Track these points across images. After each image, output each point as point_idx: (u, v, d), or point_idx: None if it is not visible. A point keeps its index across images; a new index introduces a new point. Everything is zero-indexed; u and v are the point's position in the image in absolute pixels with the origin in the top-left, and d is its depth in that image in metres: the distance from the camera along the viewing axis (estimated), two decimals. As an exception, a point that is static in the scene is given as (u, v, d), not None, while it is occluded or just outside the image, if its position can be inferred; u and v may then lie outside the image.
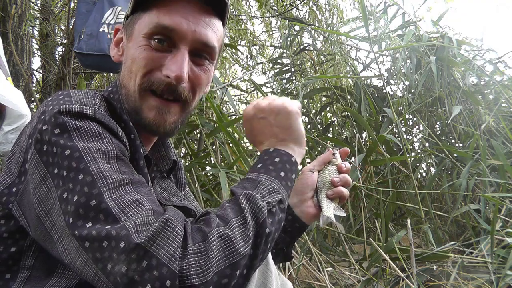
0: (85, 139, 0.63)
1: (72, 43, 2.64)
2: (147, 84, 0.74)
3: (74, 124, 0.63)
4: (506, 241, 1.79)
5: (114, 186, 0.59)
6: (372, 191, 2.20)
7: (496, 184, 2.22)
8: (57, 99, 0.67)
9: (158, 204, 0.62)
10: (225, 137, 2.26)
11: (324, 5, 3.38)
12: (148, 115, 0.75)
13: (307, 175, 0.91)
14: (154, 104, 0.74)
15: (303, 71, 3.40)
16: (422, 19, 2.90)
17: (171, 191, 0.92)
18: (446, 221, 2.33)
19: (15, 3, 2.64)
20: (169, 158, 0.93)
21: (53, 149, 0.62)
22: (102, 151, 0.63)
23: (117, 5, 2.18)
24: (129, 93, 0.76)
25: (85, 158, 0.61)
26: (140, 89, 0.74)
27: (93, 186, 0.58)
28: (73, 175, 0.60)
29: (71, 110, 0.64)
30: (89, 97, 0.70)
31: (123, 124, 0.73)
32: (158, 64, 0.74)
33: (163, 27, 0.72)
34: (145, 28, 0.74)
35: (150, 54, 0.73)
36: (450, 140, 2.81)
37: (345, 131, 3.18)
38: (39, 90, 3.45)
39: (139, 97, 0.75)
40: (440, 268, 1.78)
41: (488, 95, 2.75)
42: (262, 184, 0.69)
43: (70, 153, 0.61)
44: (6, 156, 0.97)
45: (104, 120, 0.67)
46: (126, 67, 0.77)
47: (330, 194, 0.87)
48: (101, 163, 0.61)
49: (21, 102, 1.55)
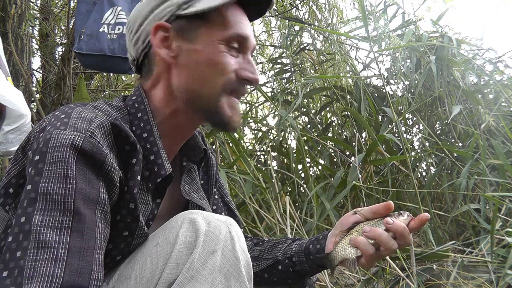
0: (51, 180, 0.62)
1: (72, 43, 2.64)
2: (228, 85, 0.79)
3: (52, 159, 0.63)
4: (506, 240, 1.79)
5: (42, 246, 0.58)
6: (372, 190, 2.20)
7: (496, 184, 2.22)
8: (57, 120, 0.68)
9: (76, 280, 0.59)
10: (225, 136, 2.27)
11: (324, 5, 3.38)
12: (228, 113, 0.80)
13: (348, 214, 0.88)
14: (232, 103, 0.81)
15: (303, 70, 3.40)
16: (421, 18, 2.90)
17: (194, 186, 0.92)
18: (446, 221, 2.33)
19: (15, 3, 2.64)
20: (199, 147, 0.93)
21: (29, 171, 0.65)
22: (58, 201, 0.61)
23: (117, 5, 2.18)
24: (202, 96, 0.79)
25: (36, 203, 0.61)
26: (222, 90, 0.79)
27: (26, 237, 0.59)
28: (19, 212, 0.62)
29: (58, 143, 0.64)
30: (85, 121, 0.68)
31: (128, 147, 0.73)
32: (235, 67, 0.80)
33: (241, 36, 0.80)
34: (221, 34, 0.79)
35: (229, 59, 0.79)
36: (450, 139, 2.81)
37: (345, 130, 3.18)
38: (39, 90, 3.45)
39: (219, 98, 0.79)
40: (440, 267, 1.78)
41: (488, 95, 2.75)
42: None
43: (29, 189, 0.63)
44: (7, 156, 0.97)
45: (90, 149, 0.65)
46: (197, 71, 0.79)
47: (350, 239, 0.81)
48: (49, 211, 0.60)
49: (21, 102, 1.55)
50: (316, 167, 2.93)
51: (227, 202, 1.05)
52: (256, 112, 3.78)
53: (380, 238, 0.78)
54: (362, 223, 0.83)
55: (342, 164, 2.68)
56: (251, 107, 3.74)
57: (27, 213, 0.61)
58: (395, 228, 0.78)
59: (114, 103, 0.79)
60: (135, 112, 0.79)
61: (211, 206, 0.99)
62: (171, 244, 0.69)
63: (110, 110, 0.76)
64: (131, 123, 0.78)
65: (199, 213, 0.72)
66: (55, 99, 3.03)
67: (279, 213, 2.08)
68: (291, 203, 2.08)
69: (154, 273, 0.69)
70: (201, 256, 0.67)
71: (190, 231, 0.69)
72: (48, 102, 3.19)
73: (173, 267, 0.67)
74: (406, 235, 0.78)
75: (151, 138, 0.77)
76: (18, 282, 0.56)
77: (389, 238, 0.78)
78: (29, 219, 0.60)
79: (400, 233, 0.78)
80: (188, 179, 0.91)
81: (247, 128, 3.50)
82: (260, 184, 2.19)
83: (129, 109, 0.80)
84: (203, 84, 0.79)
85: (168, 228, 0.72)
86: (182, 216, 0.72)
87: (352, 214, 0.86)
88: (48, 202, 0.61)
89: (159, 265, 0.69)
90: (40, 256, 0.58)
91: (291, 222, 2.00)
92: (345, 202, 2.37)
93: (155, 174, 0.76)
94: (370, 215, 0.84)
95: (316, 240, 0.91)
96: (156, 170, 0.76)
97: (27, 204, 0.62)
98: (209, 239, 0.68)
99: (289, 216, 1.98)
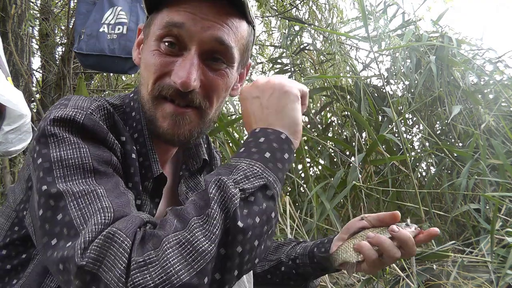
0: (61, 148, 0.61)
1: (72, 43, 2.64)
2: (157, 91, 0.70)
3: (55, 132, 0.62)
4: (506, 240, 1.79)
5: (79, 196, 0.56)
6: (372, 190, 2.20)
7: (496, 184, 2.22)
8: (58, 104, 0.68)
9: (124, 210, 0.57)
10: (225, 136, 2.27)
11: (324, 5, 3.38)
12: (163, 124, 0.71)
13: (355, 219, 0.87)
14: (168, 112, 0.70)
15: (303, 70, 3.39)
16: (421, 18, 2.90)
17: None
18: (446, 221, 2.33)
19: (15, 3, 2.64)
20: (199, 157, 0.88)
21: (34, 155, 0.63)
22: (75, 165, 0.60)
23: (117, 5, 2.18)
24: (144, 101, 0.73)
25: (54, 172, 0.59)
26: (152, 97, 0.71)
27: (60, 198, 0.56)
28: (39, 186, 0.59)
29: (58, 117, 0.63)
30: (85, 101, 0.68)
31: (124, 138, 0.71)
32: (167, 69, 0.69)
33: (172, 24, 0.68)
34: (156, 30, 0.70)
35: (159, 59, 0.69)
36: (450, 139, 2.81)
37: (345, 130, 3.18)
38: (39, 90, 3.45)
39: (153, 105, 0.71)
40: (440, 267, 1.78)
41: (488, 95, 2.75)
42: (238, 169, 0.59)
43: (40, 163, 0.60)
44: (7, 156, 0.97)
45: (91, 125, 0.65)
46: (141, 73, 0.74)
47: (354, 243, 0.81)
48: (70, 176, 0.58)
49: (21, 102, 1.55)
50: (316, 167, 2.93)
51: None
52: (256, 112, 3.77)
53: (384, 245, 0.77)
54: (368, 229, 0.83)
55: (342, 164, 2.68)
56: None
57: (47, 183, 0.58)
58: (399, 236, 0.77)
59: (112, 100, 0.78)
60: (129, 111, 0.78)
61: None
62: None
63: (107, 106, 0.75)
64: (125, 122, 0.77)
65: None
66: (55, 99, 3.03)
67: (279, 213, 2.08)
68: (291, 203, 2.08)
69: None
70: None
71: None
72: (48, 102, 3.19)
73: None
74: (411, 245, 0.77)
75: (141, 139, 0.75)
76: (73, 234, 0.53)
77: (393, 246, 0.77)
78: (53, 185, 0.57)
79: (404, 242, 0.77)
80: (192, 184, 0.88)
81: (247, 128, 3.50)
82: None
83: (124, 108, 0.78)
84: (142, 88, 0.74)
85: None
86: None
87: (359, 219, 0.86)
88: (66, 168, 0.59)
89: None
90: (82, 203, 0.55)
91: (291, 222, 2.00)
92: (345, 202, 2.37)
93: (144, 176, 0.74)
94: (377, 223, 0.83)
95: (321, 244, 0.91)
96: (144, 173, 0.74)
97: (44, 175, 0.59)
98: None
99: (289, 216, 1.98)
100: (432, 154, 2.55)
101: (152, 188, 0.77)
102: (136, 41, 0.80)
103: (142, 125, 0.75)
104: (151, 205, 0.78)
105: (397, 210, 0.91)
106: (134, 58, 0.81)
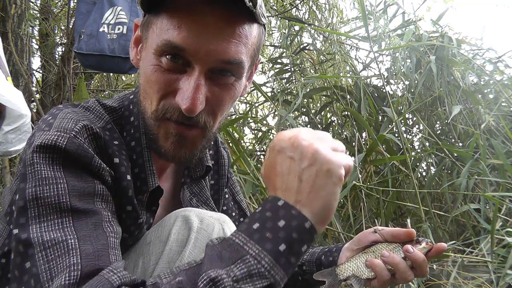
0: (38, 183, 0.58)
1: (72, 43, 2.64)
2: (161, 112, 0.66)
3: (35, 161, 0.59)
4: (506, 240, 1.79)
5: (48, 246, 0.54)
6: (372, 190, 2.20)
7: (496, 184, 2.22)
8: (43, 123, 0.65)
9: (96, 263, 0.53)
10: (225, 136, 2.27)
11: (324, 5, 3.38)
12: (165, 144, 0.68)
13: (368, 231, 0.84)
14: (171, 132, 0.67)
15: (303, 70, 3.40)
16: (421, 18, 2.90)
17: (202, 197, 0.86)
18: (446, 221, 2.33)
19: (15, 3, 2.64)
20: (202, 164, 0.85)
21: (16, 182, 0.62)
22: (51, 204, 0.57)
23: (117, 5, 2.18)
24: (146, 115, 0.69)
25: (28, 211, 0.57)
26: (155, 117, 0.67)
27: (29, 246, 0.54)
28: (12, 227, 0.58)
29: (39, 144, 0.60)
30: (71, 121, 0.64)
31: (117, 160, 0.68)
32: (171, 88, 0.64)
33: (173, 47, 0.61)
34: (155, 40, 0.63)
35: (162, 76, 0.64)
36: (450, 139, 2.81)
37: (345, 130, 3.18)
38: (39, 90, 3.45)
39: (155, 124, 0.68)
40: (440, 267, 1.78)
41: (488, 95, 2.75)
42: (244, 261, 0.50)
43: (17, 200, 0.59)
44: (6, 156, 0.97)
45: (75, 150, 0.61)
46: (142, 83, 0.69)
47: (367, 259, 0.78)
48: (44, 216, 0.56)
49: (21, 102, 1.55)
50: (316, 167, 2.93)
51: (238, 201, 1.01)
52: (256, 112, 3.78)
53: (398, 266, 0.75)
54: (380, 244, 0.81)
55: (342, 164, 2.67)
56: (251, 107, 3.74)
57: (20, 225, 0.56)
58: (414, 258, 0.76)
59: (110, 103, 0.74)
60: (128, 116, 0.74)
61: (222, 206, 0.96)
62: (163, 242, 0.68)
63: (102, 112, 0.72)
64: (122, 127, 0.73)
65: (193, 211, 0.71)
66: (55, 99, 3.03)
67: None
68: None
69: (145, 271, 0.68)
70: (191, 253, 0.66)
71: (182, 229, 0.68)
72: (48, 102, 3.19)
73: (165, 265, 0.66)
74: (424, 267, 0.76)
75: (138, 149, 0.72)
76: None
77: (407, 268, 0.76)
78: (25, 230, 0.55)
79: (418, 264, 0.76)
80: (196, 189, 0.86)
81: (247, 128, 3.50)
82: (260, 184, 2.19)
83: (123, 111, 0.75)
84: (144, 101, 0.69)
85: (161, 226, 0.71)
86: (176, 214, 0.71)
87: (371, 232, 0.83)
88: (41, 207, 0.56)
89: (151, 263, 0.68)
90: (51, 255, 0.53)
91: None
92: (345, 202, 2.37)
93: (138, 189, 0.72)
94: (390, 238, 0.80)
95: (329, 252, 0.89)
96: (138, 185, 0.72)
97: (18, 215, 0.57)
98: (201, 236, 0.67)
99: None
100: (432, 154, 2.55)
101: (148, 199, 0.75)
102: (133, 38, 0.75)
103: (140, 133, 0.72)
104: (147, 214, 0.76)
105: (397, 210, 0.90)
106: (132, 59, 0.76)
